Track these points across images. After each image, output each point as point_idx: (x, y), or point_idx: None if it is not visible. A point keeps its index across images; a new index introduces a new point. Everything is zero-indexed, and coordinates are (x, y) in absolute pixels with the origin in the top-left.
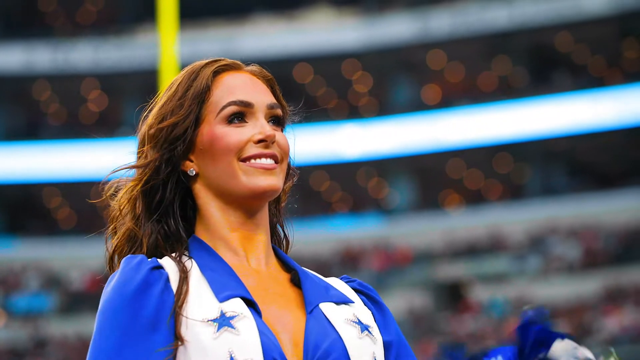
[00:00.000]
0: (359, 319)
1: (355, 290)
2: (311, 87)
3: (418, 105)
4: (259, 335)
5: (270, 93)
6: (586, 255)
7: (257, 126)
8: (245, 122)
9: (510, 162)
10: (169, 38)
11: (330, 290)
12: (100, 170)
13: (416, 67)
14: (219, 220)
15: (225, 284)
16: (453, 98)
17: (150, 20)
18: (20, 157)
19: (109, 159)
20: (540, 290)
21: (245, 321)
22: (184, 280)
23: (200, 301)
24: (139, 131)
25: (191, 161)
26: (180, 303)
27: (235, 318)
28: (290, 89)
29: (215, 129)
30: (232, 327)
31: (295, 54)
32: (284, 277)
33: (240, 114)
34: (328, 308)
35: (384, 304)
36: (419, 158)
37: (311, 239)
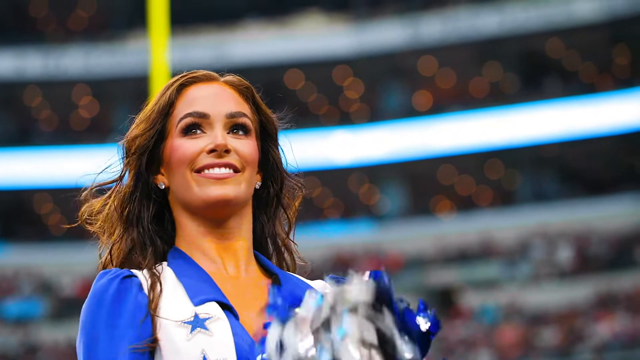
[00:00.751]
0: None
1: None
2: (302, 93)
3: (409, 112)
4: (232, 336)
5: (241, 102)
6: (577, 261)
7: (212, 136)
8: (203, 133)
9: (501, 168)
10: (160, 44)
11: None
12: (92, 176)
13: (407, 73)
14: (192, 230)
15: (201, 289)
16: (444, 104)
17: (141, 26)
18: (11, 163)
19: (101, 165)
20: (531, 296)
21: (219, 323)
22: (156, 282)
23: (175, 304)
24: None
25: (162, 174)
26: (154, 305)
27: (209, 320)
28: (281, 95)
29: (174, 142)
30: (206, 329)
31: (286, 60)
32: (266, 282)
33: (195, 125)
34: None
35: None
36: (410, 164)
37: (302, 245)
